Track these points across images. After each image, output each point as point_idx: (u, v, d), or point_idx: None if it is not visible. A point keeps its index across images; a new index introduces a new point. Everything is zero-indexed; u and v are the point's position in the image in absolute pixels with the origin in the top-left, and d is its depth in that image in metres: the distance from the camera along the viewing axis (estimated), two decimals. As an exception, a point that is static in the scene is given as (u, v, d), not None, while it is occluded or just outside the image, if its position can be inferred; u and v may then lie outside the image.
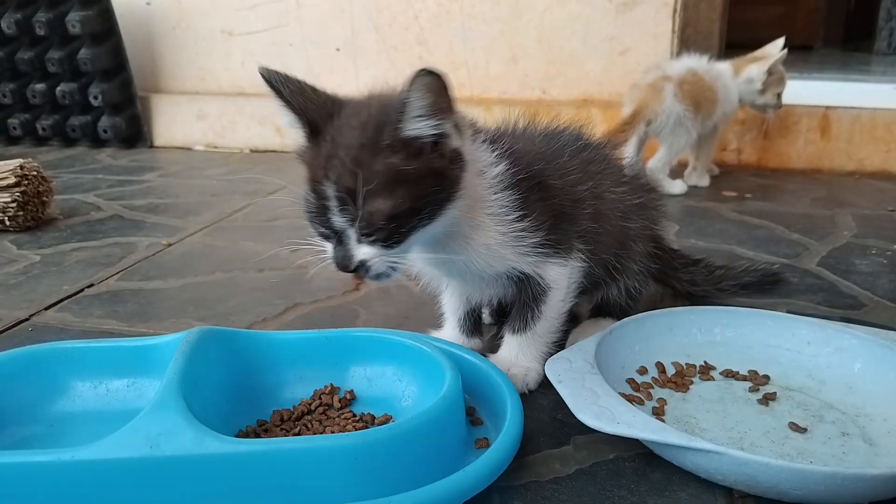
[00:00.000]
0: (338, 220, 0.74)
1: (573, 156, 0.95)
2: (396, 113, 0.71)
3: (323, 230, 0.77)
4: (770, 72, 1.98)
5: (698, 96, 1.91)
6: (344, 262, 0.75)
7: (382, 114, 0.73)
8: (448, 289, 1.01)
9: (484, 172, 0.83)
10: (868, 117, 2.18)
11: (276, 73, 0.77)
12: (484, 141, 0.85)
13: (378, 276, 0.77)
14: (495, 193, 0.84)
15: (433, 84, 0.70)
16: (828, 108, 2.21)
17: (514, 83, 2.45)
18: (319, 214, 0.76)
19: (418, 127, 0.72)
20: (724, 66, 2.00)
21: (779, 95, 2.02)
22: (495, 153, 0.85)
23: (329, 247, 0.78)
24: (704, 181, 2.10)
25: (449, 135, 0.74)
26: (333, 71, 2.63)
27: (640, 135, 1.96)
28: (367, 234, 0.74)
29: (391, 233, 0.74)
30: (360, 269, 0.76)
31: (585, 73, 2.38)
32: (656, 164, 1.96)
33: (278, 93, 0.76)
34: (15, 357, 0.85)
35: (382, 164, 0.72)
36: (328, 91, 0.80)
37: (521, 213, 0.84)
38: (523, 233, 0.85)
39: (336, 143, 0.74)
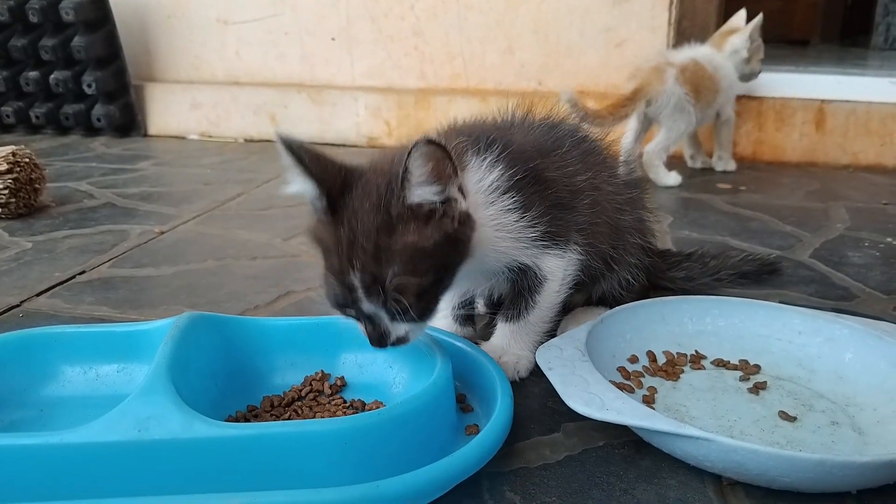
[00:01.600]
0: (367, 306, 0.72)
1: (572, 147, 0.95)
2: (399, 183, 0.70)
3: (352, 314, 0.75)
4: (751, 38, 2.02)
5: (699, 84, 1.94)
6: (381, 342, 0.75)
7: (388, 188, 0.71)
8: None
9: (480, 182, 0.82)
10: (863, 111, 2.19)
11: (294, 139, 0.74)
12: (476, 150, 0.84)
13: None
14: (492, 202, 0.83)
15: (432, 153, 0.69)
16: (823, 101, 2.21)
17: (511, 74, 2.45)
18: (346, 302, 0.74)
19: (421, 194, 0.71)
20: (706, 49, 2.04)
21: (760, 61, 2.07)
22: (487, 160, 0.83)
23: (359, 325, 0.76)
24: (732, 165, 2.16)
25: (455, 199, 0.74)
26: (329, 61, 2.62)
27: (641, 119, 1.99)
28: (398, 314, 0.72)
29: (422, 308, 0.74)
30: (397, 343, 0.75)
31: (582, 64, 2.37)
32: (654, 148, 1.98)
33: (299, 160, 0.73)
34: (5, 341, 0.85)
35: (401, 244, 0.71)
36: (337, 160, 0.77)
37: (520, 211, 0.84)
38: (523, 228, 0.85)
39: (353, 229, 0.71)
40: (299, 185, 0.75)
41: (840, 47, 4.16)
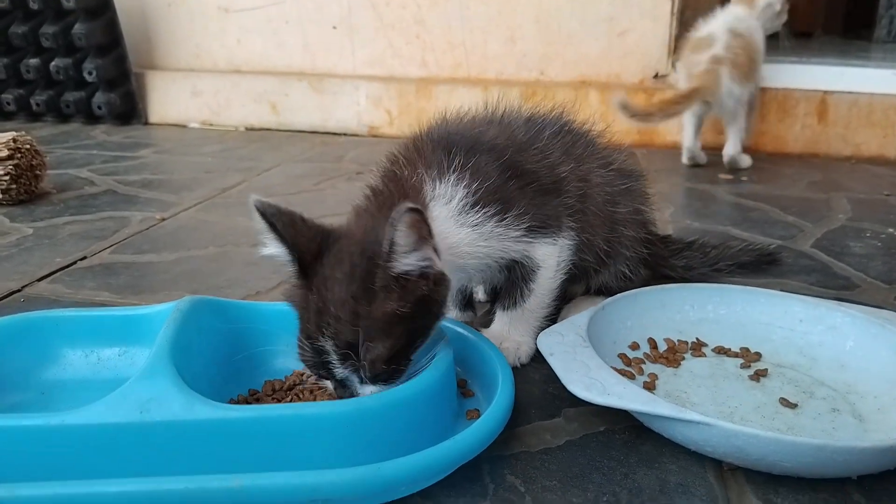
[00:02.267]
0: (339, 371, 0.71)
1: (552, 139, 0.94)
2: (385, 254, 0.68)
3: (321, 376, 0.74)
4: None
5: (746, 65, 1.94)
6: (344, 397, 0.73)
7: (370, 258, 0.70)
8: None
9: (448, 206, 0.81)
10: (866, 102, 2.18)
11: (269, 204, 0.73)
12: (438, 174, 0.82)
13: None
14: (462, 223, 0.81)
15: (415, 220, 0.67)
16: (826, 92, 2.20)
17: (512, 63, 2.44)
18: (318, 365, 0.72)
19: (407, 263, 0.69)
20: (738, 10, 2.02)
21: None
22: (451, 181, 0.82)
23: (329, 385, 0.75)
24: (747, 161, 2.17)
25: (432, 259, 0.71)
26: (329, 49, 2.62)
27: (698, 115, 2.02)
28: (371, 379, 0.71)
29: (393, 372, 0.71)
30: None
31: (584, 54, 2.37)
32: (733, 148, 2.04)
33: (271, 226, 0.72)
34: (7, 324, 0.85)
35: (380, 312, 0.69)
36: (316, 223, 0.76)
37: (500, 215, 0.83)
38: (507, 229, 0.84)
39: (325, 297, 0.70)
40: (273, 249, 0.74)
41: (843, 39, 4.14)
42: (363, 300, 0.69)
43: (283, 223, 0.72)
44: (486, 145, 0.87)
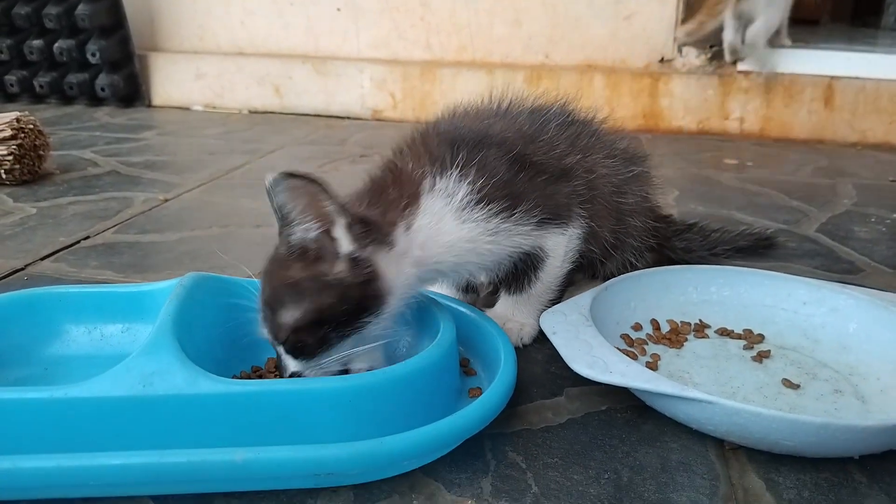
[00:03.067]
0: (263, 331, 0.73)
1: (558, 130, 0.94)
2: (278, 219, 0.70)
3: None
4: None
5: None
6: (281, 371, 0.74)
7: (278, 208, 0.71)
8: None
9: (450, 203, 0.80)
10: (872, 88, 2.17)
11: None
12: (440, 170, 0.82)
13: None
14: (465, 219, 0.80)
15: (297, 187, 0.67)
16: (832, 78, 2.19)
17: (518, 46, 2.43)
18: (258, 320, 0.74)
19: (296, 232, 0.70)
20: None
21: None
22: (453, 177, 0.81)
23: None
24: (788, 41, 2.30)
25: (336, 241, 0.71)
26: (334, 31, 2.60)
27: (737, 15, 2.14)
28: (280, 343, 0.72)
29: (297, 345, 0.71)
30: (301, 375, 0.73)
31: (590, 37, 2.35)
32: (755, 32, 2.14)
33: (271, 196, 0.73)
34: (10, 300, 0.85)
35: (285, 277, 0.71)
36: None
37: (507, 212, 0.82)
38: (516, 225, 0.84)
39: (273, 253, 0.74)
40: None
41: (850, 27, 4.11)
42: (277, 265, 0.73)
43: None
44: (494, 139, 0.87)
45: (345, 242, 0.71)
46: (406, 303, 0.79)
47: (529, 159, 0.87)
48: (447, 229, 0.80)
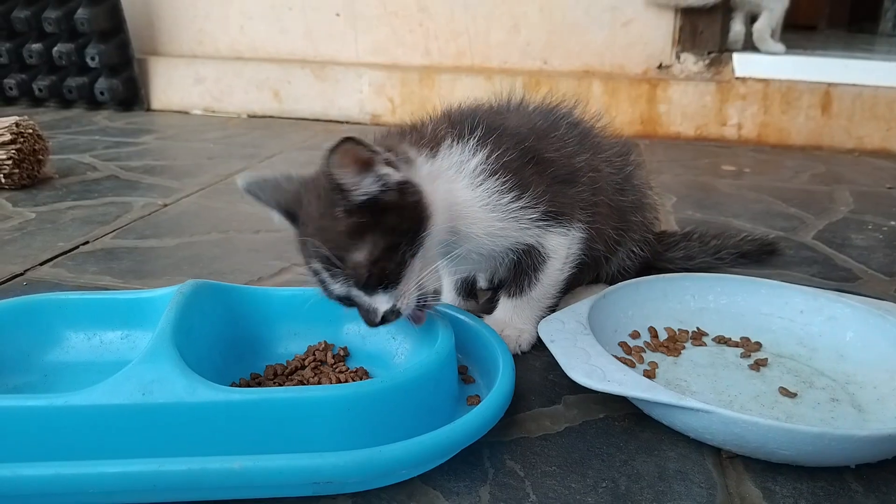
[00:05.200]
0: (336, 287, 0.75)
1: (569, 129, 0.96)
2: (336, 193, 0.72)
3: (335, 300, 0.77)
4: None
5: None
6: (371, 318, 0.76)
7: (331, 191, 0.73)
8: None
9: (464, 165, 0.83)
10: (870, 95, 2.17)
11: (253, 181, 0.81)
12: (459, 134, 0.85)
13: (418, 311, 0.78)
14: (479, 185, 0.83)
15: (346, 153, 0.70)
16: (830, 84, 2.20)
17: (516, 52, 2.43)
18: (324, 289, 0.77)
19: (359, 190, 0.72)
20: None
21: None
22: (471, 143, 0.84)
23: (356, 311, 0.78)
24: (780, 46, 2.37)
25: (387, 174, 0.73)
26: (332, 36, 2.61)
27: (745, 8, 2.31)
28: (364, 287, 0.74)
29: (382, 275, 0.74)
30: (391, 317, 0.76)
31: (587, 43, 2.36)
32: (761, 26, 2.28)
33: (256, 197, 0.80)
34: (10, 307, 0.85)
35: (344, 225, 0.73)
36: (294, 178, 0.82)
37: (516, 192, 0.84)
38: (522, 210, 0.85)
39: (305, 225, 0.77)
40: (272, 215, 0.81)
41: (847, 33, 4.13)
42: (328, 217, 0.74)
43: (265, 190, 0.80)
44: (509, 129, 0.89)
45: (391, 173, 0.73)
46: (442, 242, 0.82)
47: (541, 154, 0.89)
48: (461, 187, 0.83)
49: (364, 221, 0.73)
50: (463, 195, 0.83)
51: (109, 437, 0.64)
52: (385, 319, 0.75)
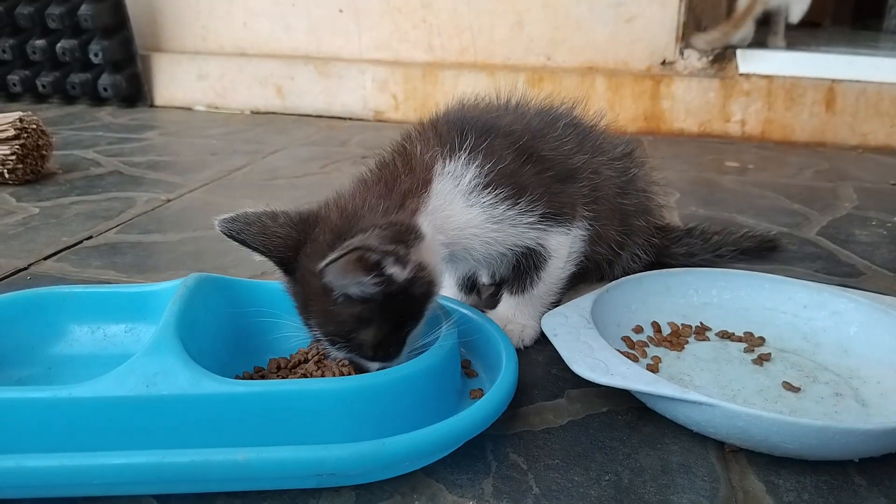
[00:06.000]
0: (336, 352, 0.75)
1: (567, 129, 0.95)
2: (331, 291, 0.69)
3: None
4: None
5: None
6: (362, 369, 0.77)
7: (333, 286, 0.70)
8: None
9: (458, 186, 0.81)
10: (874, 91, 2.17)
11: (233, 221, 0.75)
12: (449, 152, 0.82)
13: None
14: (475, 201, 0.81)
15: (343, 266, 0.66)
16: (834, 81, 2.19)
17: (519, 48, 2.43)
18: (323, 343, 0.76)
19: (356, 291, 0.69)
20: None
21: None
22: (462, 159, 0.82)
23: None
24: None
25: (394, 273, 0.70)
26: (335, 32, 2.61)
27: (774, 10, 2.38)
28: (367, 359, 0.74)
29: (387, 350, 0.74)
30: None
31: (591, 39, 2.35)
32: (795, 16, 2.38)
33: (241, 242, 0.75)
34: (14, 300, 0.85)
35: (348, 313, 0.71)
36: (292, 215, 0.76)
37: (512, 199, 0.83)
38: (520, 215, 0.84)
39: (306, 291, 0.73)
40: (257, 257, 0.76)
41: (851, 30, 4.12)
42: (333, 304, 0.71)
43: (252, 234, 0.74)
44: (502, 130, 0.87)
45: (398, 272, 0.70)
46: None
47: (537, 154, 0.88)
48: (457, 211, 0.81)
49: (370, 309, 0.71)
50: (460, 219, 0.81)
51: (113, 429, 0.64)
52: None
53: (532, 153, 0.87)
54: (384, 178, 0.81)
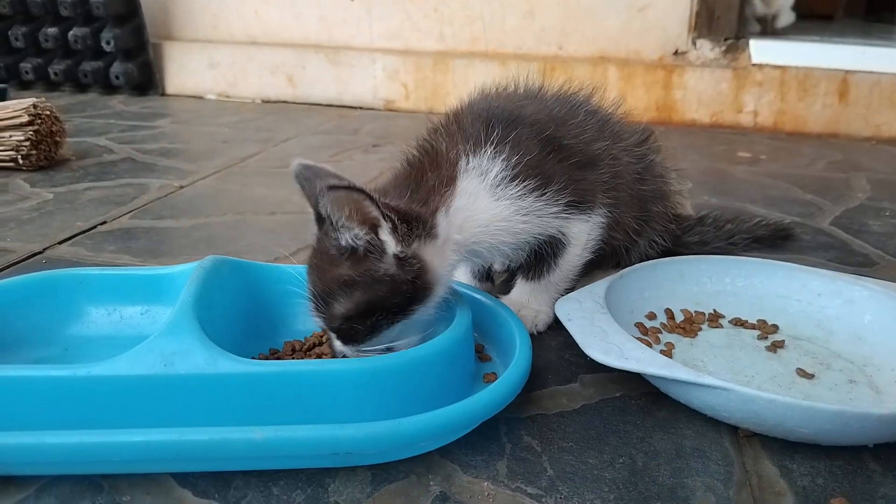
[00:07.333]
0: (315, 317, 0.75)
1: (587, 116, 0.95)
2: (329, 224, 0.71)
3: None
4: None
5: None
6: (332, 351, 0.77)
7: (328, 218, 0.71)
8: None
9: (483, 181, 0.81)
10: (888, 83, 2.15)
11: (306, 169, 0.77)
12: (474, 148, 0.82)
13: None
14: (501, 195, 0.81)
15: (342, 198, 0.68)
16: (847, 72, 2.18)
17: (531, 38, 2.42)
18: (308, 309, 0.76)
19: (345, 237, 0.70)
20: None
21: None
22: (487, 154, 0.82)
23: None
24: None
25: (383, 242, 0.71)
26: (347, 21, 2.60)
27: None
28: (332, 330, 0.74)
29: (353, 330, 0.73)
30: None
31: (603, 29, 2.34)
32: None
33: (302, 188, 0.77)
34: (31, 281, 0.86)
35: (335, 273, 0.72)
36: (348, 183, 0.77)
37: (540, 189, 0.83)
38: (545, 206, 0.84)
39: (318, 244, 0.76)
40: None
41: (864, 22, 4.09)
42: (326, 261, 0.73)
43: (312, 185, 0.76)
44: (526, 119, 0.87)
45: (391, 244, 0.71)
46: (449, 288, 0.80)
47: (560, 142, 0.88)
48: (483, 207, 0.81)
49: (355, 278, 0.71)
50: (485, 216, 0.81)
51: (131, 408, 0.65)
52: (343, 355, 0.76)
53: (555, 142, 0.87)
54: (413, 175, 0.81)
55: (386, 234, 0.71)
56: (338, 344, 0.75)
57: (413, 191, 0.79)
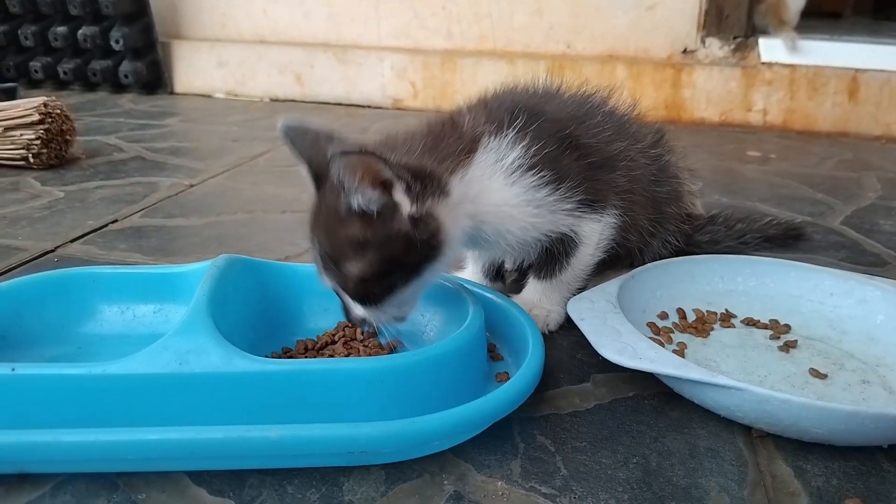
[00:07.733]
0: (326, 280, 0.76)
1: (605, 117, 0.95)
2: (339, 188, 0.70)
3: (324, 287, 0.77)
4: None
5: None
6: (349, 318, 0.77)
7: (339, 183, 0.71)
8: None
9: (499, 162, 0.81)
10: (899, 81, 2.14)
11: (294, 126, 0.77)
12: (495, 129, 0.83)
13: (384, 329, 0.79)
14: (515, 182, 0.81)
15: (354, 163, 0.67)
16: (857, 70, 2.17)
17: (539, 36, 2.42)
18: (317, 271, 0.77)
19: (359, 200, 0.70)
20: None
21: None
22: (508, 138, 0.82)
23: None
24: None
25: (397, 203, 0.71)
26: (355, 19, 2.61)
27: None
28: (348, 292, 0.75)
29: (368, 293, 0.73)
30: (365, 326, 0.77)
31: (611, 27, 2.34)
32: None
33: (293, 145, 0.77)
34: (44, 279, 0.87)
35: (346, 234, 0.72)
36: (345, 137, 0.78)
37: (553, 185, 0.83)
38: (559, 201, 0.84)
39: (321, 207, 0.75)
40: (301, 168, 0.78)
41: (873, 21, 4.07)
42: (336, 219, 0.72)
43: (303, 141, 0.76)
44: (549, 115, 0.88)
45: (406, 204, 0.72)
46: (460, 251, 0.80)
47: (578, 140, 0.88)
48: (496, 187, 0.81)
49: (368, 238, 0.71)
50: (496, 196, 0.81)
51: (146, 406, 0.65)
52: (362, 320, 0.76)
53: (574, 140, 0.87)
54: (433, 134, 0.82)
55: (400, 195, 0.71)
56: (357, 309, 0.75)
57: (429, 148, 0.79)
